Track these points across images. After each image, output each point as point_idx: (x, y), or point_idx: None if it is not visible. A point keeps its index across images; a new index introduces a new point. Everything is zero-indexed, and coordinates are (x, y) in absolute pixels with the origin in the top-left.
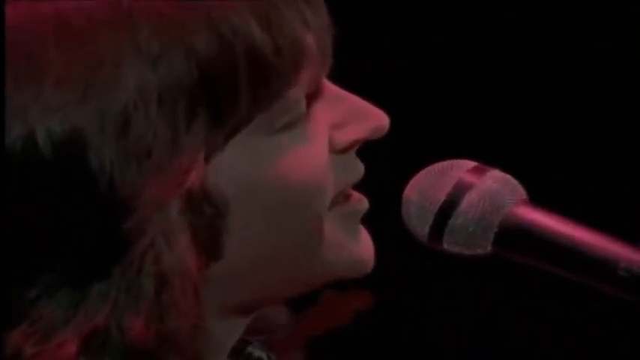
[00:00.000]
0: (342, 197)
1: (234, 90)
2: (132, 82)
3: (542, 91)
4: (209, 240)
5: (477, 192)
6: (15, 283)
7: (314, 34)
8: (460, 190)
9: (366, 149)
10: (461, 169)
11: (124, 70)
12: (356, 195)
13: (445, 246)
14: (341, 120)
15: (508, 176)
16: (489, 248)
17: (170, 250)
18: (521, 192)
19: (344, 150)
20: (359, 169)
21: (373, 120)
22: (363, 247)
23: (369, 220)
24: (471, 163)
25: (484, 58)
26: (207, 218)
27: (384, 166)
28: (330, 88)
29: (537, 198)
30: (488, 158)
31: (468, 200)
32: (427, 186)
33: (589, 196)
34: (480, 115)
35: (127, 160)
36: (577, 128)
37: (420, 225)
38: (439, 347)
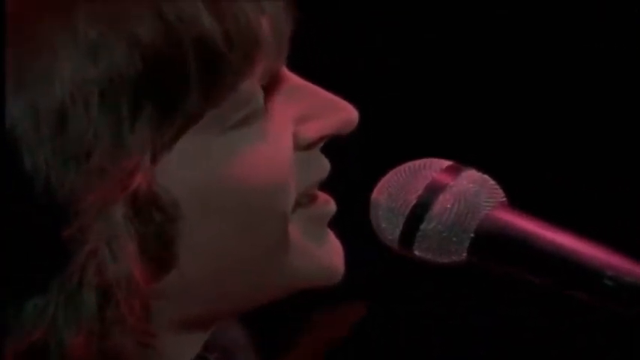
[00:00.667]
0: (307, 199)
1: (183, 82)
2: (68, 73)
3: (534, 91)
4: (159, 249)
5: (451, 193)
6: None
7: (269, 21)
8: (433, 192)
9: (339, 150)
10: (434, 168)
11: (60, 61)
12: (322, 196)
13: (416, 252)
14: (305, 114)
15: (485, 176)
16: (464, 255)
17: (114, 260)
18: (499, 194)
19: (309, 146)
20: (324, 166)
21: (341, 114)
22: (332, 252)
23: (338, 223)
24: (445, 162)
25: (472, 58)
26: (156, 225)
27: (363, 168)
28: (292, 79)
29: (520, 200)
30: (470, 158)
31: (441, 202)
32: (397, 187)
33: (575, 198)
34: (466, 115)
35: (65, 160)
36: (566, 128)
37: (389, 229)
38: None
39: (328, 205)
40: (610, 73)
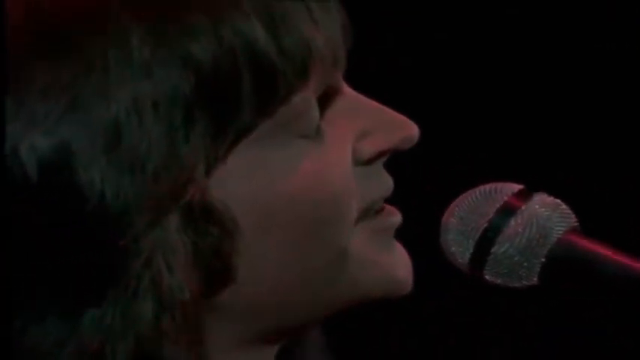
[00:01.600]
0: (373, 212)
1: (236, 95)
2: (123, 90)
3: (551, 90)
4: (215, 262)
5: (522, 217)
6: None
7: (324, 33)
8: (504, 216)
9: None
10: (505, 192)
11: (114, 78)
12: (388, 208)
13: (487, 277)
14: (364, 129)
15: (557, 201)
16: (535, 280)
17: (170, 271)
18: (571, 218)
19: (369, 161)
20: (387, 182)
21: (402, 129)
22: (398, 263)
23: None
24: (516, 186)
25: (499, 61)
26: (213, 238)
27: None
28: (351, 94)
29: None
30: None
31: (512, 226)
32: (468, 211)
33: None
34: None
35: (119, 173)
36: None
37: (459, 253)
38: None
39: (393, 216)
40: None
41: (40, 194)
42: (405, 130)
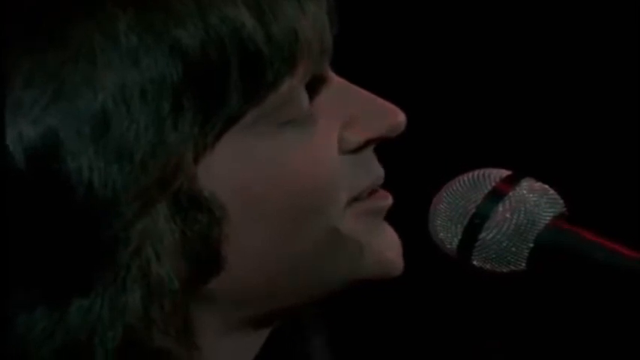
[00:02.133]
0: (363, 198)
1: (223, 82)
2: (109, 78)
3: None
4: (205, 250)
5: (510, 203)
6: None
7: (310, 21)
8: (492, 201)
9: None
10: (493, 178)
11: (100, 66)
12: (379, 192)
13: (475, 262)
14: (352, 117)
15: (545, 186)
16: (523, 265)
17: (159, 261)
18: (559, 204)
19: (357, 149)
20: (376, 171)
21: (389, 117)
22: (388, 244)
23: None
24: (504, 172)
25: (505, 58)
26: (202, 226)
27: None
28: (339, 82)
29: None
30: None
31: (500, 212)
32: (456, 197)
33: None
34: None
35: (107, 162)
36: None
37: (447, 238)
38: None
39: (384, 199)
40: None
41: (27, 183)
42: (392, 117)
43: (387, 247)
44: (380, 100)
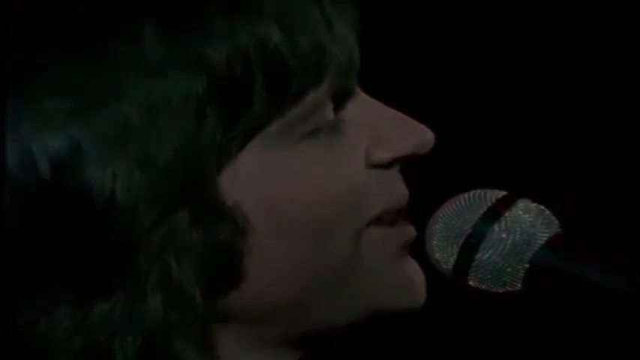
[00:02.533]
0: (385, 221)
1: (247, 94)
2: (135, 89)
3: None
4: (226, 260)
5: (506, 223)
6: (11, 304)
7: (338, 34)
8: (488, 222)
9: None
10: (489, 198)
11: (126, 77)
12: (402, 221)
13: (471, 282)
14: (381, 134)
15: (541, 207)
16: (519, 286)
17: (179, 267)
18: (555, 224)
19: (384, 166)
20: (401, 190)
21: (417, 135)
22: (409, 275)
23: None
24: (500, 193)
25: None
26: (224, 236)
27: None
28: (369, 100)
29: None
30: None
31: (496, 232)
32: (452, 217)
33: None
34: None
35: (130, 169)
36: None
37: (443, 259)
38: None
39: (406, 228)
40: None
41: (52, 192)
42: (421, 136)
43: (408, 277)
44: (409, 119)
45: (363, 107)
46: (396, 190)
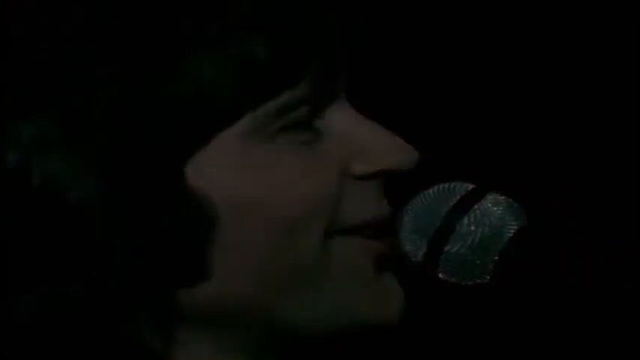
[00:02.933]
0: (364, 234)
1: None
2: (108, 89)
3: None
4: (193, 252)
5: (475, 216)
6: None
7: (317, 40)
8: (457, 215)
9: None
10: (458, 191)
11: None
12: (380, 236)
13: (440, 275)
14: (364, 147)
15: (510, 200)
16: (488, 278)
17: (145, 260)
18: (524, 217)
19: (363, 178)
20: (379, 209)
21: (401, 153)
22: (381, 291)
23: None
24: (469, 185)
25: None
26: (189, 224)
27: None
28: (354, 114)
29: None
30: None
31: (465, 225)
32: (421, 210)
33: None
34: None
35: (98, 155)
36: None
37: (413, 251)
38: None
39: (384, 243)
40: None
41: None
42: (403, 153)
43: (387, 289)
44: (393, 136)
45: (348, 120)
46: (373, 206)
